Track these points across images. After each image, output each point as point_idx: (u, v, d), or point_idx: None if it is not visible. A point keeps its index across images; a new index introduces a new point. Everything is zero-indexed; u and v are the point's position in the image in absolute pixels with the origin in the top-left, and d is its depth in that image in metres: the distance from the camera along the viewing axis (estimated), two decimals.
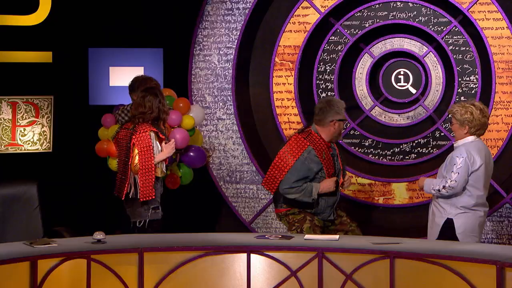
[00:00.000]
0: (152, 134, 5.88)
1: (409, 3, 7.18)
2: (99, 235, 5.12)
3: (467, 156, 5.45)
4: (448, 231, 5.51)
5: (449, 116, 5.78)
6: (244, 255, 5.05)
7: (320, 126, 5.92)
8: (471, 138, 5.55)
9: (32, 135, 7.23)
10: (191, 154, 6.59)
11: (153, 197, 5.87)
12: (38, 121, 7.25)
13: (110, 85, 7.44)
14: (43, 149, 7.28)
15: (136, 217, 5.96)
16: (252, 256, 5.04)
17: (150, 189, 5.85)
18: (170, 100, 6.52)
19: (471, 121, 5.50)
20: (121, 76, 7.43)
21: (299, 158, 5.82)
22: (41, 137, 7.27)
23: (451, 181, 5.45)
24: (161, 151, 5.90)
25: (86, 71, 7.41)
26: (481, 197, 5.57)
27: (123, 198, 5.95)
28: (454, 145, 5.63)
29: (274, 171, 5.90)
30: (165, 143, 5.94)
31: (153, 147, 5.86)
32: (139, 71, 7.45)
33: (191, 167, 6.64)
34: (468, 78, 7.10)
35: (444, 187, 5.47)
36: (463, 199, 5.52)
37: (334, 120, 5.89)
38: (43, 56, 7.23)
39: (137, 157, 5.83)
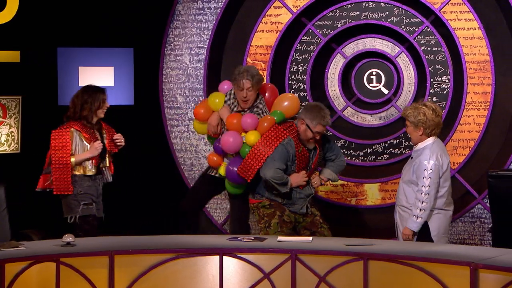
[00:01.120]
0: (74, 132, 5.98)
1: (381, 3, 7.18)
2: (68, 238, 5.06)
3: (436, 159, 5.44)
4: (422, 234, 5.52)
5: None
6: (217, 257, 5.01)
7: (297, 120, 5.99)
8: (431, 139, 5.55)
9: None
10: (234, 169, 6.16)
11: (70, 192, 5.96)
12: (6, 122, 7.15)
13: (80, 85, 7.34)
14: (10, 150, 7.17)
15: (67, 213, 6.04)
16: (225, 258, 5.01)
17: (66, 184, 5.96)
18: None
19: (425, 122, 5.51)
20: (91, 76, 7.35)
21: (278, 145, 5.86)
22: (8, 137, 7.16)
23: (425, 187, 5.42)
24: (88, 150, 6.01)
25: (55, 71, 7.33)
26: (450, 195, 5.61)
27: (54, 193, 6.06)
28: (415, 148, 5.60)
29: (251, 159, 5.92)
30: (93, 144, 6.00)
31: (74, 144, 5.98)
32: (109, 71, 7.38)
33: (232, 182, 6.28)
34: (440, 79, 7.12)
35: (423, 200, 5.43)
36: (436, 200, 5.53)
37: (302, 120, 5.90)
38: (11, 56, 7.13)
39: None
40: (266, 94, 6.36)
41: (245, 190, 6.26)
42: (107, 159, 6.14)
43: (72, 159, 5.98)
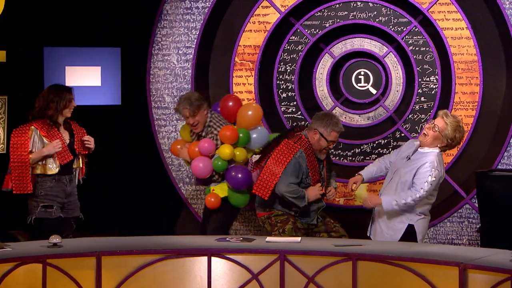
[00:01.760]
0: (33, 131, 5.97)
1: (369, 3, 7.18)
2: (55, 239, 5.03)
3: (441, 170, 5.47)
4: (409, 236, 5.53)
5: (432, 121, 5.59)
6: (205, 258, 4.99)
7: (308, 131, 5.99)
8: (438, 149, 5.53)
9: None
10: (239, 175, 6.35)
11: (29, 191, 5.92)
12: None
13: (66, 85, 7.29)
14: None
15: (29, 214, 6.02)
16: (213, 259, 4.99)
17: (24, 183, 5.91)
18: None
19: (452, 141, 5.49)
20: (78, 76, 7.32)
21: (291, 160, 5.86)
22: None
23: (424, 191, 5.40)
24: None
25: (42, 70, 7.28)
26: (431, 203, 5.65)
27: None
28: (421, 150, 5.55)
29: (266, 176, 5.91)
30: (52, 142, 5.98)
31: (32, 142, 5.96)
32: (96, 71, 7.34)
33: (235, 189, 6.43)
34: (428, 79, 7.12)
35: (413, 199, 5.42)
36: (424, 206, 5.57)
37: (315, 130, 5.92)
38: None
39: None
40: (230, 103, 6.62)
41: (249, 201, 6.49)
42: (80, 160, 6.11)
43: (30, 156, 5.94)
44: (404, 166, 5.57)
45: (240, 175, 6.34)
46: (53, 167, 5.98)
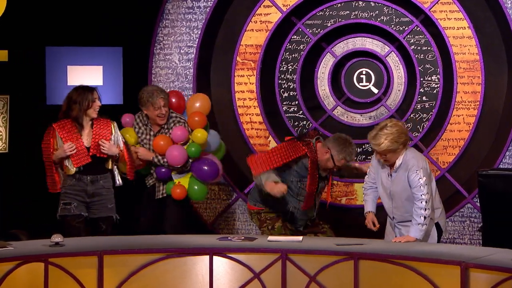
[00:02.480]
0: (55, 131, 5.99)
1: (371, 3, 7.18)
2: (57, 238, 5.03)
3: (422, 165, 5.40)
4: (438, 233, 5.51)
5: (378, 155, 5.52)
6: (207, 257, 4.99)
7: (319, 144, 5.89)
8: (404, 151, 5.47)
9: None
10: (204, 167, 6.51)
11: (56, 190, 5.97)
12: None
13: (68, 84, 7.31)
14: None
15: None
16: (215, 258, 4.99)
17: (52, 182, 5.98)
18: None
19: (405, 141, 5.42)
20: (80, 75, 7.32)
21: (292, 160, 5.79)
22: None
23: (425, 195, 5.32)
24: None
25: (43, 70, 7.28)
26: (437, 188, 5.59)
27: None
28: (396, 164, 5.44)
29: (264, 158, 5.82)
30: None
31: (56, 141, 5.99)
32: (97, 70, 7.35)
33: (202, 180, 6.55)
34: (430, 78, 7.12)
35: (425, 207, 5.31)
36: (435, 200, 5.53)
37: (328, 150, 5.83)
38: None
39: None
40: (173, 100, 6.68)
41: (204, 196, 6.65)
42: (110, 162, 6.07)
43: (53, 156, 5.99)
44: (395, 186, 5.47)
45: (206, 167, 6.48)
46: (70, 168, 5.98)
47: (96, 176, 6.02)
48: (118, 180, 6.13)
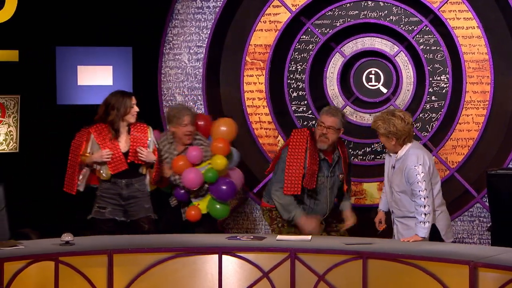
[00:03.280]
0: (91, 134, 5.95)
1: (380, 3, 7.18)
2: (67, 237, 5.05)
3: (423, 161, 5.40)
4: (432, 237, 5.44)
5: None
6: (216, 256, 5.00)
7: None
8: (408, 145, 5.49)
9: None
10: (222, 187, 6.40)
11: (73, 192, 5.96)
12: (5, 121, 7.14)
13: (78, 84, 7.35)
14: (9, 150, 7.16)
15: None
16: (224, 257, 5.00)
17: (71, 183, 5.96)
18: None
19: (395, 133, 5.45)
20: (89, 75, 7.35)
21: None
22: (7, 137, 7.15)
23: (423, 191, 5.34)
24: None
25: (54, 70, 7.31)
26: (440, 189, 5.57)
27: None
28: (396, 158, 5.48)
29: (291, 172, 5.78)
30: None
31: (91, 146, 5.95)
32: (107, 70, 7.37)
33: (219, 200, 6.45)
34: (439, 78, 7.12)
35: (423, 204, 5.32)
36: (435, 198, 5.50)
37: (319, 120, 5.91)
38: (10, 55, 7.11)
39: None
40: (201, 123, 6.63)
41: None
42: (143, 167, 6.03)
43: (82, 158, 5.95)
44: (394, 177, 5.52)
45: (225, 187, 6.37)
46: (104, 174, 5.95)
47: (131, 180, 5.99)
48: (148, 186, 6.10)
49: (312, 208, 5.91)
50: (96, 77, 7.33)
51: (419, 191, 5.33)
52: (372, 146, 7.27)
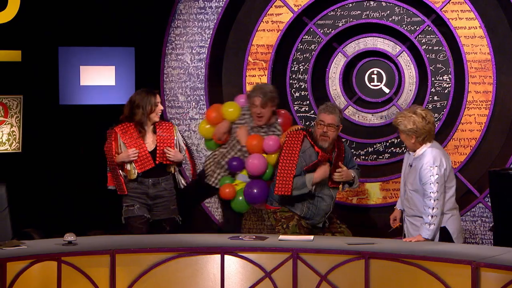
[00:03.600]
0: (118, 134, 5.93)
1: (382, 3, 7.18)
2: (70, 237, 5.06)
3: (440, 163, 5.40)
4: (443, 240, 5.43)
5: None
6: (218, 256, 5.01)
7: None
8: (428, 144, 5.50)
9: (1, 135, 7.13)
10: (255, 191, 6.28)
11: (124, 192, 5.91)
12: (7, 121, 7.14)
13: (81, 84, 7.35)
14: (12, 149, 7.17)
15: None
16: (226, 257, 5.00)
17: (119, 184, 5.93)
18: None
19: (415, 131, 5.45)
20: (92, 75, 7.35)
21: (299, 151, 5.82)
22: (10, 137, 7.16)
23: (434, 193, 5.33)
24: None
25: (56, 70, 7.32)
26: (455, 194, 5.56)
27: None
28: (414, 156, 5.50)
29: (283, 174, 5.79)
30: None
31: (118, 145, 5.93)
32: (110, 70, 7.38)
33: (250, 203, 6.39)
34: (441, 78, 7.11)
35: (431, 206, 5.31)
36: (448, 201, 5.48)
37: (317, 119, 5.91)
38: (12, 55, 7.12)
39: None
40: (279, 120, 6.47)
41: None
42: (172, 167, 6.03)
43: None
44: (409, 176, 5.53)
45: (256, 190, 6.27)
46: (133, 173, 5.93)
47: (158, 179, 5.98)
48: (182, 184, 6.12)
49: (316, 205, 5.91)
50: (98, 77, 7.33)
51: (431, 192, 5.33)
52: (374, 146, 7.27)
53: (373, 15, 7.20)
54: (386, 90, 7.31)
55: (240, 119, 6.40)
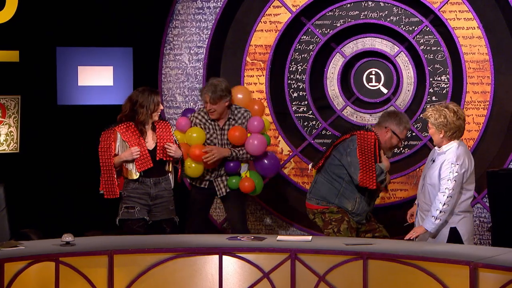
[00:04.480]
0: (118, 133, 5.87)
1: (381, 3, 7.18)
2: (67, 237, 5.05)
3: (462, 163, 5.39)
4: (454, 240, 5.42)
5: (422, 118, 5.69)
6: (216, 257, 5.00)
7: (376, 128, 5.97)
8: (455, 142, 5.46)
9: None
10: (265, 161, 6.58)
11: (116, 196, 5.87)
12: (5, 121, 7.14)
13: (79, 84, 7.36)
14: (10, 150, 7.17)
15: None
16: (224, 257, 5.00)
17: (112, 188, 5.86)
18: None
19: (445, 125, 5.43)
20: (90, 76, 7.35)
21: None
22: (8, 137, 7.16)
23: (449, 190, 5.32)
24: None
25: (54, 70, 7.32)
26: (472, 196, 5.55)
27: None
28: (438, 151, 5.50)
29: (365, 169, 5.80)
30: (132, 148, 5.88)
31: (118, 145, 5.87)
32: (108, 70, 7.38)
33: (263, 175, 6.62)
34: (439, 78, 7.12)
35: (443, 202, 5.31)
36: (462, 203, 5.47)
37: (388, 128, 5.92)
38: (10, 55, 7.12)
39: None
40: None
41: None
42: (169, 165, 6.01)
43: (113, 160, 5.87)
44: (430, 170, 5.52)
45: (267, 161, 6.55)
46: (134, 172, 5.89)
47: (158, 178, 5.95)
48: (172, 184, 6.08)
49: (366, 202, 5.94)
50: (96, 77, 7.33)
51: (446, 188, 5.33)
52: None
53: (371, 15, 7.21)
54: (384, 91, 7.32)
55: (207, 137, 6.44)
